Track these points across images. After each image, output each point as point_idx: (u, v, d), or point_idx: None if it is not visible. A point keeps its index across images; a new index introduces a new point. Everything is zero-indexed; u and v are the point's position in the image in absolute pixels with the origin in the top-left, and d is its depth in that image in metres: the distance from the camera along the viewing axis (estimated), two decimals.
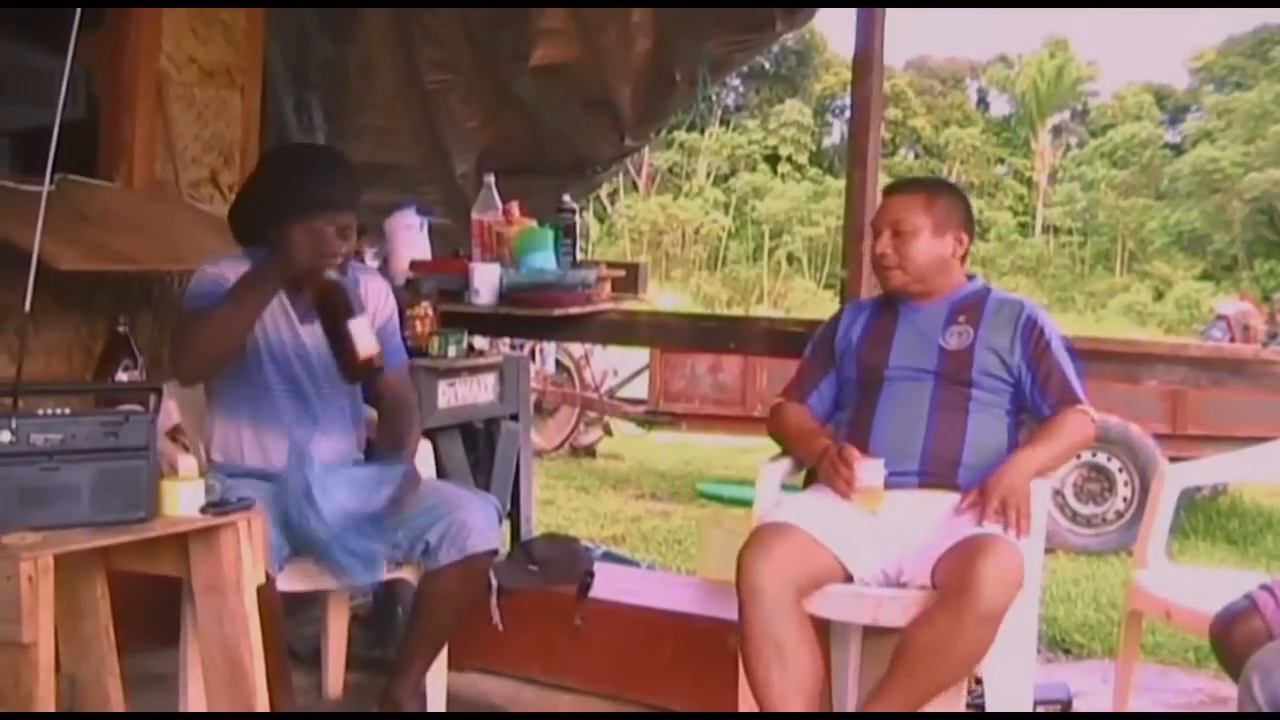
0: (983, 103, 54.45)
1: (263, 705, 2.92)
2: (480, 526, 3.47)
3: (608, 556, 5.54)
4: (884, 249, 3.43)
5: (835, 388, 3.54)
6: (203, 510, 2.81)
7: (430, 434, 4.03)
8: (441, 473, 4.02)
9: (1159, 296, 42.36)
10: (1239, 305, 26.41)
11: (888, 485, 3.23)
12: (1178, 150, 48.44)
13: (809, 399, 3.56)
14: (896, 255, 3.41)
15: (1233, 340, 22.86)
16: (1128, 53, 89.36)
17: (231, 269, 3.40)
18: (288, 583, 3.32)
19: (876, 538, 3.17)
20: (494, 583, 3.91)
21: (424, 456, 3.75)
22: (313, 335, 3.46)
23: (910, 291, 3.46)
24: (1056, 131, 51.04)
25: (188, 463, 2.86)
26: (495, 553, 3.60)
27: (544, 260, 4.39)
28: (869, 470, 3.21)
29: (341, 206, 3.39)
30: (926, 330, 3.42)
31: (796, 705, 2.96)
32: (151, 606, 3.29)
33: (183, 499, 2.77)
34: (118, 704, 3.03)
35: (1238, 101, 46.13)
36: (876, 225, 3.49)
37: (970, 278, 3.55)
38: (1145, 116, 49.28)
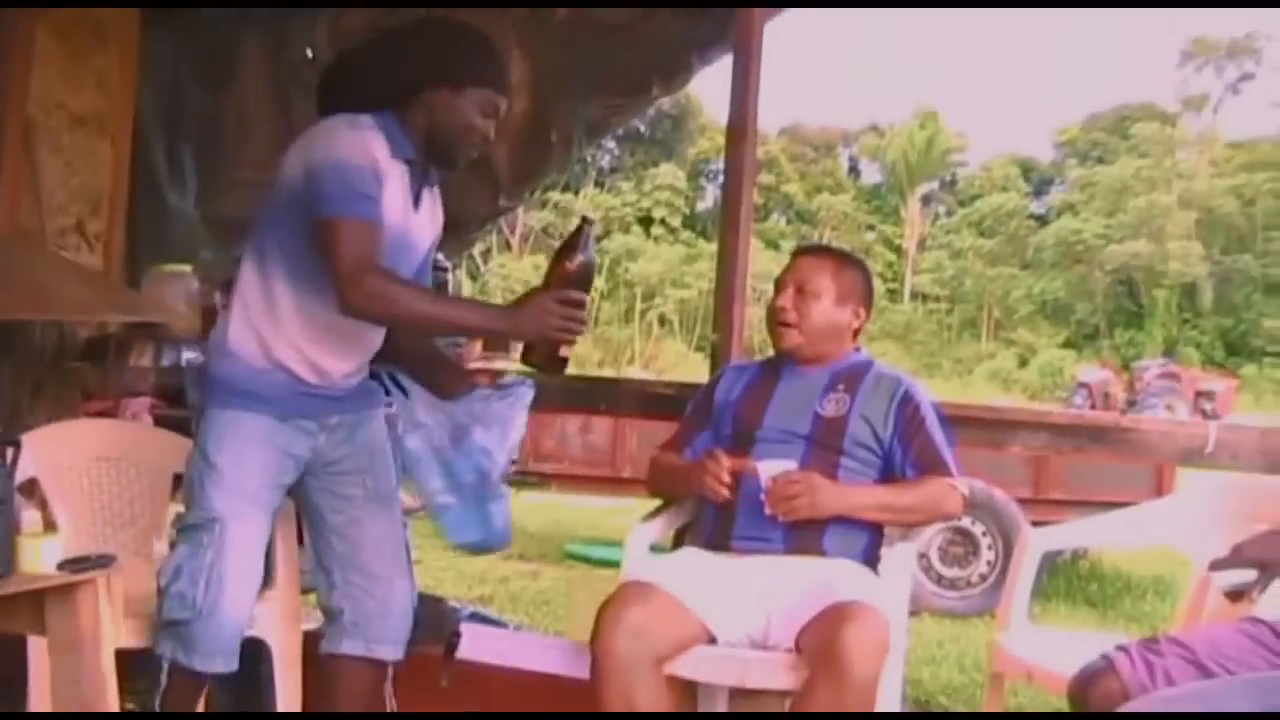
0: (854, 170, 55.44)
1: None
2: (397, 623, 3.27)
3: (475, 617, 5.49)
4: (785, 304, 3.41)
5: (710, 444, 3.47)
6: (60, 567, 2.75)
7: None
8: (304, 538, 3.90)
9: (1023, 364, 43.27)
10: (1100, 373, 27.21)
11: (753, 551, 3.22)
12: (1042, 221, 49.72)
13: (683, 452, 3.53)
14: (796, 313, 3.39)
15: (1094, 407, 23.50)
16: (995, 125, 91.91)
17: (376, 140, 2.94)
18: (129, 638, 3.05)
19: (742, 600, 3.15)
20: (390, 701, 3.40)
21: (288, 512, 3.64)
22: (420, 226, 3.14)
23: (800, 354, 3.43)
24: (926, 200, 52.09)
25: (31, 517, 2.79)
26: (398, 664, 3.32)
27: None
28: (764, 471, 3.19)
29: (502, 83, 3.11)
30: (805, 395, 3.39)
31: None
32: None
33: (43, 555, 2.71)
34: None
35: (1100, 175, 47.55)
36: (781, 281, 3.45)
37: (857, 350, 3.54)
38: (1011, 188, 50.53)
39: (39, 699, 3.11)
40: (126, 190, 4.88)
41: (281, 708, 3.50)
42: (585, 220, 2.97)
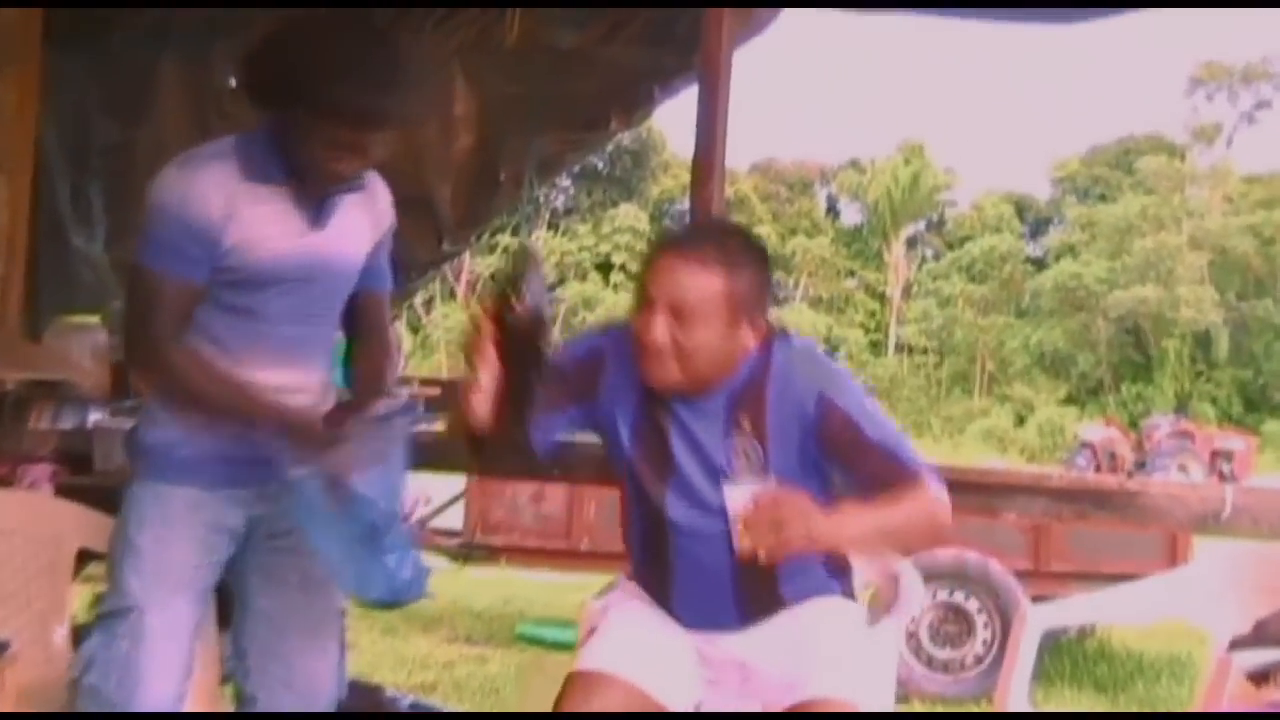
0: (832, 210, 55.76)
1: None
2: (319, 694, 3.24)
3: (416, 708, 5.46)
4: (659, 338, 2.79)
5: (571, 427, 3.12)
6: None
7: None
8: (225, 620, 3.84)
9: (1020, 421, 43.43)
10: (1105, 431, 27.39)
11: (705, 629, 3.05)
12: (1039, 264, 50.08)
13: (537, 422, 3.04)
14: (672, 345, 2.79)
15: (1098, 469, 23.63)
16: (987, 160, 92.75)
17: (215, 187, 2.93)
18: None
19: (712, 686, 3.12)
20: None
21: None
22: (330, 242, 3.09)
23: (681, 391, 2.88)
24: (911, 243, 52.41)
25: None
26: None
27: (350, 375, 4.36)
28: (734, 496, 2.83)
29: (390, 119, 2.98)
30: (707, 446, 2.91)
31: None
32: None
33: None
34: None
35: (1102, 214, 47.95)
36: (647, 295, 2.82)
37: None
38: (1005, 228, 50.89)
39: None
40: (26, 232, 4.85)
41: None
42: (526, 252, 2.81)
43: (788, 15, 4.67)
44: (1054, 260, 49.40)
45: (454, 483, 11.40)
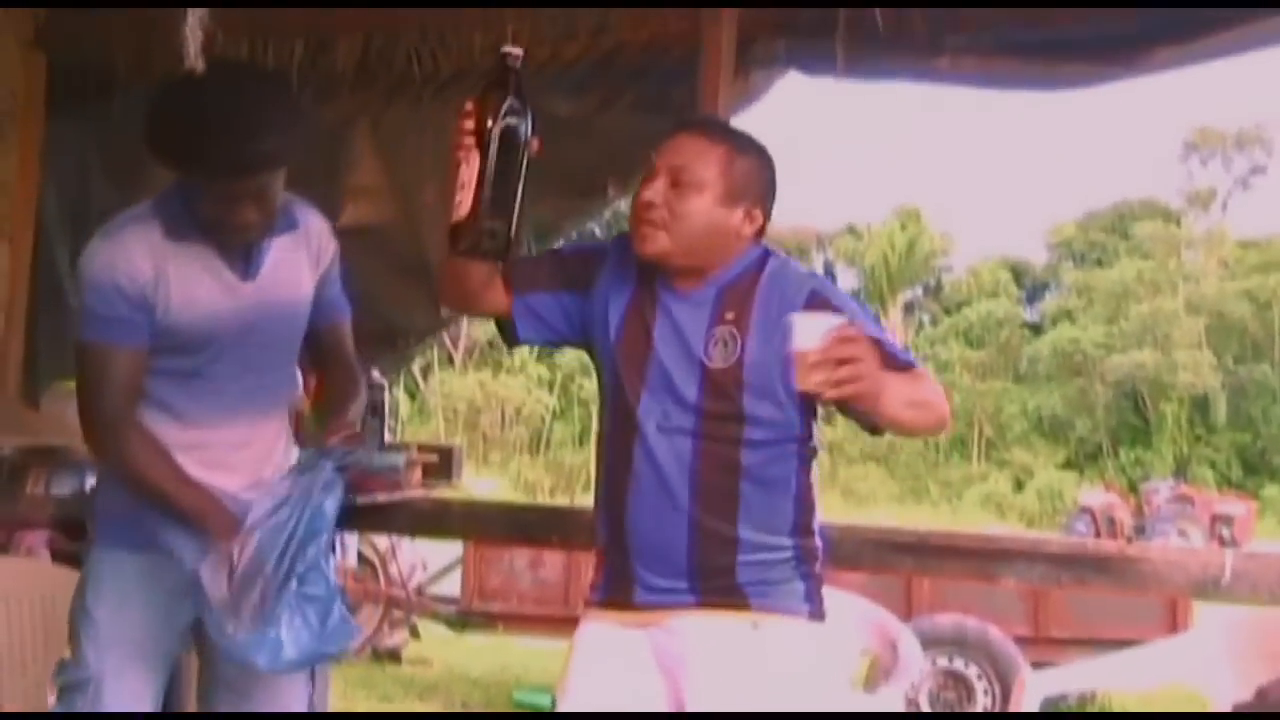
0: (829, 276, 55.71)
1: None
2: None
3: None
4: (653, 198, 2.81)
5: (560, 317, 3.04)
6: None
7: None
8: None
9: (1019, 487, 43.38)
10: (1104, 496, 27.34)
11: (662, 606, 2.88)
12: (1036, 330, 50.18)
13: (524, 292, 3.00)
14: (666, 211, 2.80)
15: (1098, 534, 23.57)
16: (983, 225, 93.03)
17: (141, 250, 2.94)
18: None
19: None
20: None
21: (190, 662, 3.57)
22: (264, 290, 3.07)
23: (668, 264, 2.86)
24: (908, 308, 52.56)
25: None
26: None
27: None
28: (803, 328, 2.58)
29: (258, 165, 2.89)
30: (688, 333, 2.86)
31: None
32: None
33: None
34: None
35: (1098, 279, 48.11)
36: (652, 166, 2.87)
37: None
38: (1002, 293, 51.02)
39: None
40: (26, 298, 4.86)
41: None
42: (507, 55, 2.70)
43: (784, 82, 4.70)
44: (1051, 325, 49.50)
45: (452, 549, 11.40)
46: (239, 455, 3.09)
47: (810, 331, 2.53)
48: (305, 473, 3.04)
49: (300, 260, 3.18)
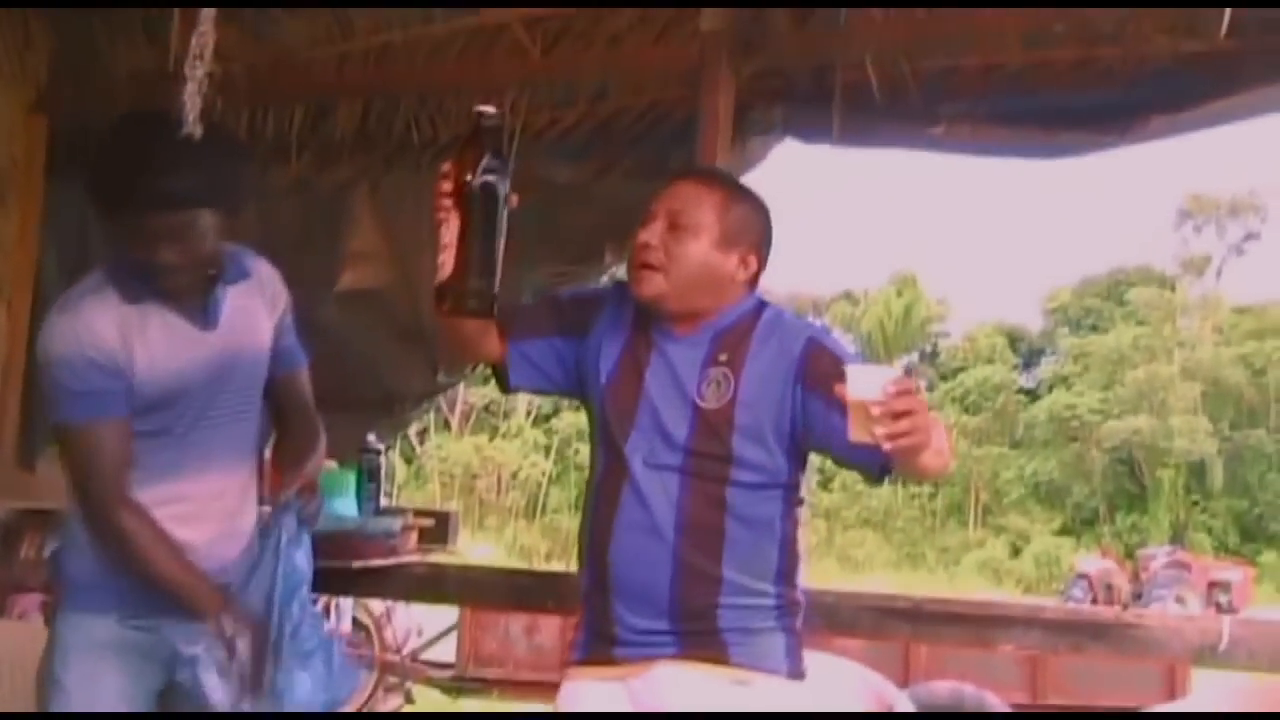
0: None
1: None
2: None
3: None
4: (650, 239, 2.86)
5: (553, 363, 3.05)
6: None
7: None
8: None
9: (1016, 552, 43.31)
10: (1101, 563, 27.29)
11: (641, 658, 2.85)
12: (1033, 395, 50.24)
13: (519, 339, 3.03)
14: (664, 253, 2.84)
15: (1095, 601, 23.54)
16: (979, 291, 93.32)
17: (103, 319, 2.90)
18: None
19: None
20: None
21: None
22: (226, 339, 3.04)
23: (666, 308, 2.88)
24: (905, 374, 52.52)
25: None
26: None
27: (344, 506, 4.35)
28: (861, 379, 2.52)
29: (181, 201, 2.84)
30: (681, 372, 2.86)
31: None
32: None
33: None
34: None
35: (1094, 345, 48.22)
36: (651, 211, 2.93)
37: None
38: (998, 359, 51.11)
39: None
40: (23, 360, 4.87)
41: None
42: (482, 114, 2.72)
43: (781, 148, 4.73)
44: (1047, 391, 49.58)
45: (447, 615, 11.36)
46: (213, 506, 3.06)
47: (868, 382, 2.47)
48: (269, 534, 3.05)
49: (257, 307, 3.16)
